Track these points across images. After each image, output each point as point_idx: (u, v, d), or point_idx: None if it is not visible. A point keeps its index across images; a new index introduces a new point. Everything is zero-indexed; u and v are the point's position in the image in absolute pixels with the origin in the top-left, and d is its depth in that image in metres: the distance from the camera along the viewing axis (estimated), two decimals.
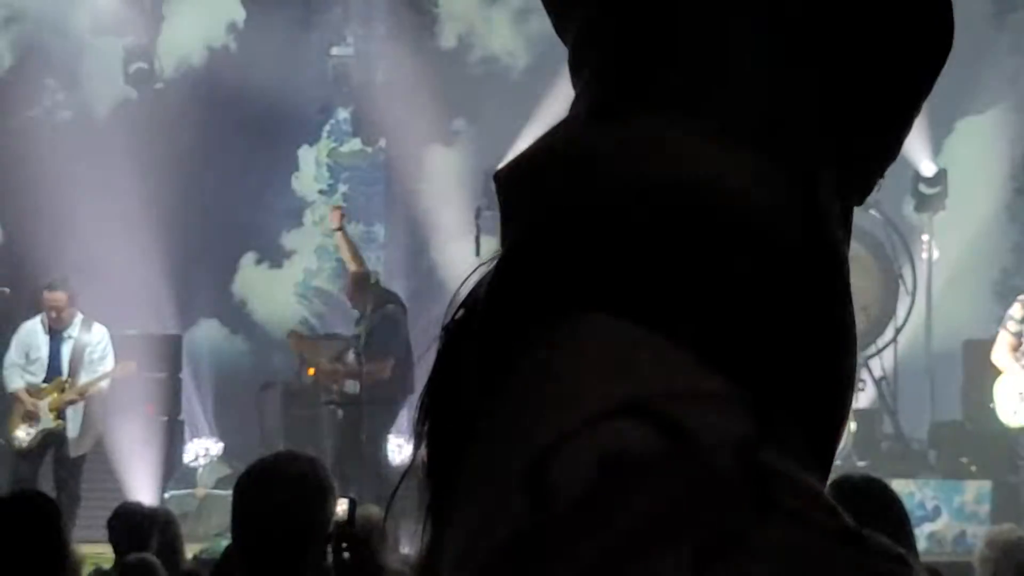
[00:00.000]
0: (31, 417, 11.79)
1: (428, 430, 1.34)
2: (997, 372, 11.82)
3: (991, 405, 11.91)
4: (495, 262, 1.18)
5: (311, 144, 16.80)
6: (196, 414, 15.36)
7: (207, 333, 16.18)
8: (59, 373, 11.89)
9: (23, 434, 11.77)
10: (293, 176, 16.74)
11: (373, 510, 6.38)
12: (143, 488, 12.71)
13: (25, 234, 14.17)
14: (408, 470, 1.43)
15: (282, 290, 16.27)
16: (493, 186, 1.26)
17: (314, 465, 3.81)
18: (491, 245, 10.30)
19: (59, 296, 11.82)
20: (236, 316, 16.40)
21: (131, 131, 15.69)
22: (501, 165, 1.22)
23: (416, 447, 1.32)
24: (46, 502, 4.14)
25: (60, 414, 11.82)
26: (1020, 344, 11.68)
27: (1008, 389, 11.75)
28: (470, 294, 1.33)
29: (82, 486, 12.48)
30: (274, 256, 16.62)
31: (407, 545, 8.09)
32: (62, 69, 15.82)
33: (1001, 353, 11.76)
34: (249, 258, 16.51)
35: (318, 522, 3.66)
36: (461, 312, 1.33)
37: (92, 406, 11.96)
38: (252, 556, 3.64)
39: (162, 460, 13.42)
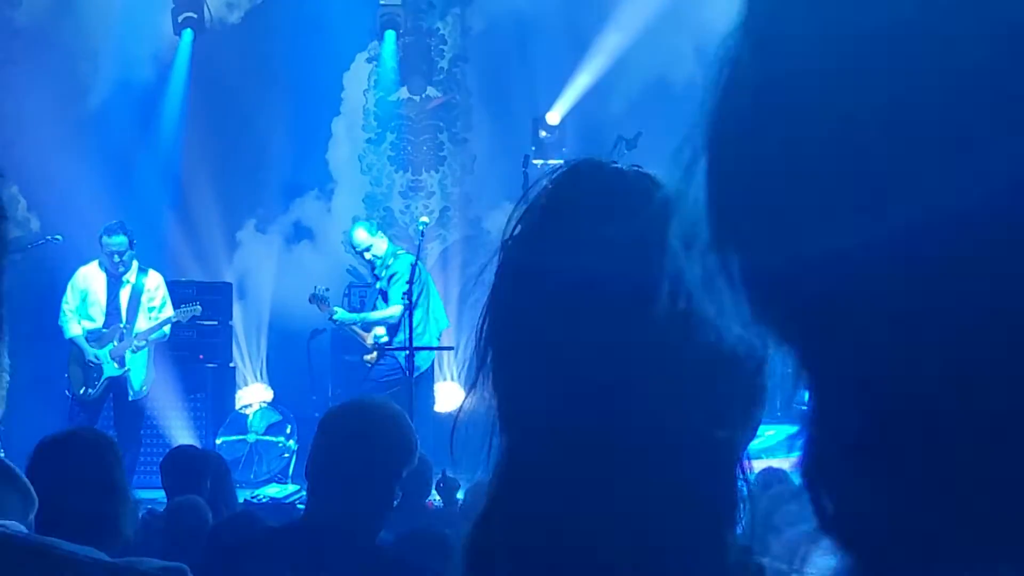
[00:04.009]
0: (93, 367, 11.87)
1: (492, 360, 1.33)
2: None
3: None
4: None
5: (359, 94, 16.79)
6: (247, 361, 15.44)
7: (259, 283, 16.22)
8: (117, 318, 11.94)
9: (88, 385, 11.85)
10: (338, 125, 16.74)
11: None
12: (195, 435, 12.81)
13: (77, 184, 14.22)
14: (467, 396, 1.41)
15: (334, 237, 16.27)
16: (540, 134, 1.26)
17: (402, 416, 3.84)
18: None
19: (121, 240, 11.87)
20: (286, 261, 16.44)
21: (183, 81, 15.78)
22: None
23: (479, 368, 1.32)
24: (102, 438, 4.16)
25: (121, 361, 11.90)
26: None
27: None
28: (527, 209, 1.33)
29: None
30: (324, 204, 16.64)
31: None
32: (109, 21, 15.82)
33: None
34: (298, 206, 16.54)
35: (400, 475, 3.66)
36: (518, 228, 1.33)
37: (152, 351, 12.07)
38: (334, 496, 3.62)
39: (213, 407, 13.51)
